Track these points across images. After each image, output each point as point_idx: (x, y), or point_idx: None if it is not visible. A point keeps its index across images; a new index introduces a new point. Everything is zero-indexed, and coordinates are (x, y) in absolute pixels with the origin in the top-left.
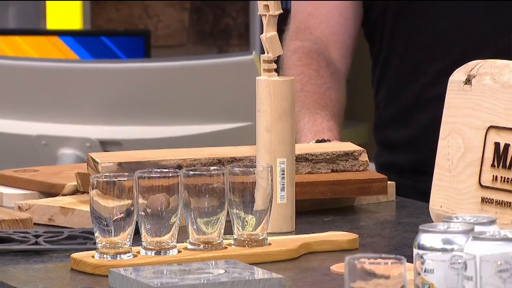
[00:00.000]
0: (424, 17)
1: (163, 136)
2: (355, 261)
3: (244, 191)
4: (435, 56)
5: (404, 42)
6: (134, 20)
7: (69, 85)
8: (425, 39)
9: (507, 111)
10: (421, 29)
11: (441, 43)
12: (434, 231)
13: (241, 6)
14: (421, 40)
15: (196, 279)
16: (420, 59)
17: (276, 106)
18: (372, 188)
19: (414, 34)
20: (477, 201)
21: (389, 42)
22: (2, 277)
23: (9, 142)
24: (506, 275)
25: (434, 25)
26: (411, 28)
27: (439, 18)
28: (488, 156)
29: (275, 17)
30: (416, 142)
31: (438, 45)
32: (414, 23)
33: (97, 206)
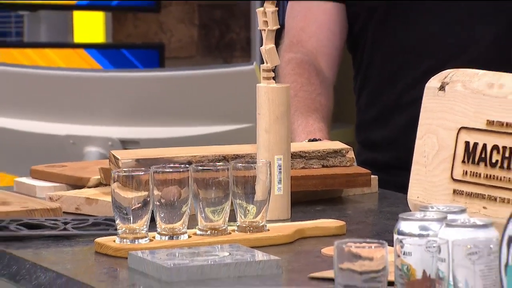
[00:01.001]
0: (401, 31)
1: (175, 136)
2: (343, 245)
3: (246, 184)
4: (411, 65)
5: (383, 54)
6: (150, 35)
7: (93, 91)
8: (401, 51)
9: (476, 114)
10: (398, 42)
11: (416, 54)
12: (412, 219)
13: (243, 22)
14: (398, 52)
15: (204, 261)
16: (397, 68)
17: (274, 110)
18: (358, 181)
19: (391, 47)
20: (449, 192)
21: (369, 54)
22: (36, 259)
23: (41, 141)
24: (475, 258)
25: (410, 38)
26: (389, 41)
27: (414, 32)
28: (459, 153)
29: (273, 32)
30: (395, 141)
31: (414, 55)
32: (391, 37)
33: (118, 197)
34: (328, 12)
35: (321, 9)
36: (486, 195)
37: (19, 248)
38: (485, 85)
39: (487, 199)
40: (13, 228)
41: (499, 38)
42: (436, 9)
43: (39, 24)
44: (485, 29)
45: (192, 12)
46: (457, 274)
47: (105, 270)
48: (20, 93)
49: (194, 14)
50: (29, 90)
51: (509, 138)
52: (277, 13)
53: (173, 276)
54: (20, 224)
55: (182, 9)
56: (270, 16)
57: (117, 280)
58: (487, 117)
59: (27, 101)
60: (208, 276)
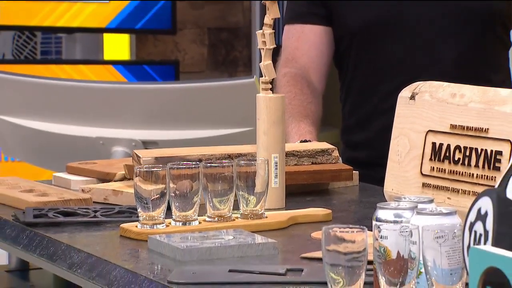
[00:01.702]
0: (377, 52)
1: (188, 138)
2: (330, 230)
3: (247, 178)
4: (386, 80)
5: (363, 70)
6: (167, 53)
7: (119, 100)
8: (378, 68)
9: (441, 119)
10: (375, 61)
11: (390, 71)
12: (388, 207)
13: (245, 43)
14: (376, 69)
15: (212, 243)
16: (375, 82)
17: (271, 116)
18: (342, 176)
19: (370, 65)
20: (419, 185)
21: (352, 70)
22: (70, 241)
23: (76, 142)
24: (441, 241)
25: (385, 58)
26: (368, 60)
27: (388, 53)
28: (427, 152)
29: (270, 50)
30: (373, 142)
31: (388, 72)
32: (370, 57)
33: (139, 189)
34: (318, 34)
35: (312, 32)
36: (450, 187)
37: (56, 233)
38: (449, 95)
39: (451, 191)
40: (51, 215)
41: (460, 57)
42: (406, 34)
43: (75, 44)
44: (448, 50)
45: (203, 34)
46: (426, 255)
47: (129, 251)
48: (59, 102)
49: (204, 36)
50: (66, 100)
51: (469, 139)
52: (273, 35)
53: (186, 256)
54: (57, 212)
55: (194, 32)
56: (268, 37)
57: (138, 259)
58: (450, 122)
59: (65, 109)
60: (215, 256)
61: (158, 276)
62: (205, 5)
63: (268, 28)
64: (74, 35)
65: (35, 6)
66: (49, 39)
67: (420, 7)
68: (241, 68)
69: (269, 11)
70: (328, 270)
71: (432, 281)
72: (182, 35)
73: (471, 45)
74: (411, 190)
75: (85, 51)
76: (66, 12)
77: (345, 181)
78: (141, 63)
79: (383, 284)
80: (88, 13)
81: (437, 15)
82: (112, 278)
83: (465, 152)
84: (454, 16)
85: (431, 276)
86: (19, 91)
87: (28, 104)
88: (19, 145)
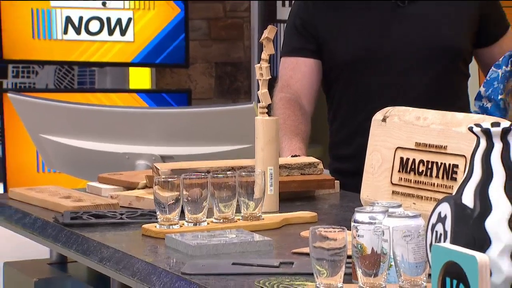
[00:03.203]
0: (359, 83)
1: (199, 153)
2: (316, 229)
3: (248, 186)
4: (366, 105)
5: (348, 96)
6: (182, 83)
7: (142, 122)
8: (360, 95)
9: (407, 138)
10: (357, 90)
11: (370, 97)
12: (364, 211)
13: (245, 75)
14: (358, 96)
15: (218, 241)
16: (357, 106)
17: (267, 135)
18: (325, 184)
19: (354, 92)
20: (390, 193)
21: (338, 96)
22: (101, 239)
23: (106, 157)
24: (408, 239)
25: (365, 87)
26: (351, 88)
27: (369, 83)
28: (396, 165)
29: (266, 81)
30: (354, 156)
31: (368, 98)
32: (353, 86)
33: (158, 196)
34: (309, 65)
35: (304, 63)
36: (415, 194)
37: (89, 232)
38: (414, 118)
39: (416, 198)
40: (85, 217)
41: (429, 87)
42: (383, 67)
43: (106, 76)
44: (418, 81)
45: (211, 68)
46: (396, 251)
47: (149, 247)
48: (93, 123)
49: (212, 69)
50: (98, 122)
51: (431, 154)
52: (269, 68)
53: (196, 251)
54: (90, 215)
55: (203, 66)
56: (264, 70)
57: (157, 254)
58: (415, 140)
59: (97, 129)
60: (220, 252)
61: (173, 268)
62: (212, 44)
63: (264, 62)
64: (105, 68)
65: (73, 45)
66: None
67: (395, 45)
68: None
69: (265, 49)
70: (315, 263)
71: (400, 273)
72: (193, 69)
73: (438, 77)
74: (383, 197)
75: (114, 82)
76: (98, 50)
77: (329, 189)
78: (160, 92)
79: (360, 275)
80: (116, 51)
81: (410, 52)
82: (135, 269)
83: (428, 165)
84: (425, 52)
85: (400, 268)
86: (60, 115)
87: (67, 125)
88: (59, 159)
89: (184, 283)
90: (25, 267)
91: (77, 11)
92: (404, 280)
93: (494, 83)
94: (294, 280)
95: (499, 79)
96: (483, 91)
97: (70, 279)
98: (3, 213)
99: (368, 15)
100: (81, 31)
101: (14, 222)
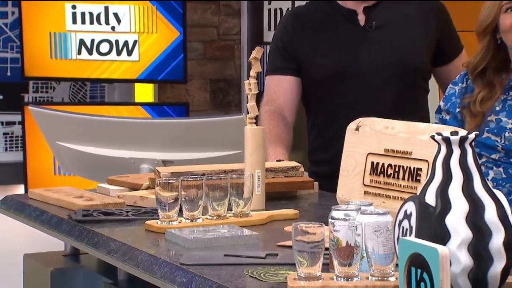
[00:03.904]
0: (335, 96)
1: (195, 158)
2: (297, 225)
3: (238, 187)
4: (341, 116)
5: (324, 109)
6: (181, 97)
7: (146, 131)
8: (335, 107)
9: (378, 145)
10: (333, 102)
11: (344, 109)
12: (340, 209)
13: (236, 90)
14: (334, 108)
15: (212, 235)
16: (333, 117)
17: (255, 142)
18: (306, 185)
19: (329, 105)
20: (362, 193)
21: (316, 108)
22: (109, 234)
23: (114, 161)
24: (378, 233)
25: (340, 100)
26: (327, 102)
27: (342, 97)
28: (368, 169)
29: (254, 95)
30: (331, 161)
31: (343, 110)
32: (329, 100)
33: (159, 195)
34: (291, 83)
35: (286, 80)
36: (384, 194)
37: (99, 227)
38: (383, 127)
39: (385, 197)
40: (95, 215)
41: (395, 100)
42: (355, 83)
43: (114, 91)
44: (386, 95)
45: (206, 84)
46: (368, 243)
47: (151, 241)
48: (103, 132)
49: (207, 85)
50: (108, 131)
51: (398, 159)
52: (256, 84)
53: (193, 244)
54: (100, 212)
55: (200, 82)
56: (253, 86)
57: (158, 247)
58: (384, 147)
59: (107, 137)
60: (214, 244)
61: (172, 259)
62: (208, 63)
63: (253, 79)
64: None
65: (86, 64)
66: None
67: (364, 65)
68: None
69: (253, 67)
70: (296, 254)
71: (371, 263)
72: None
73: (402, 92)
74: (356, 196)
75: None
76: (107, 68)
77: (309, 190)
78: (161, 105)
79: (336, 265)
80: (123, 69)
81: (378, 69)
82: (139, 260)
83: (395, 169)
84: (389, 71)
85: (371, 259)
86: (74, 125)
87: (80, 134)
88: (73, 164)
89: (182, 272)
90: (43, 258)
91: (90, 35)
92: (374, 269)
93: (452, 98)
94: (278, 270)
95: (456, 95)
96: (443, 105)
97: (82, 269)
98: (23, 211)
99: (341, 39)
100: (93, 52)
101: (33, 219)
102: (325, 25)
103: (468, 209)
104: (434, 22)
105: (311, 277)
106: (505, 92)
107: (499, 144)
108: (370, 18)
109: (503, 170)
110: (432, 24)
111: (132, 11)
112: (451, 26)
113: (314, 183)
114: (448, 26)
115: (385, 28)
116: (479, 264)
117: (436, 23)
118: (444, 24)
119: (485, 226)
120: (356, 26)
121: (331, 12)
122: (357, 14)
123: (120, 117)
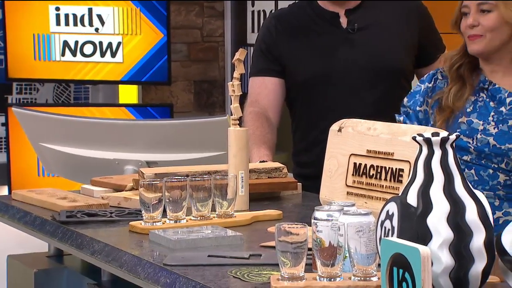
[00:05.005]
0: (318, 98)
1: (179, 159)
2: (281, 226)
3: (222, 188)
4: (324, 117)
5: (308, 110)
6: (165, 98)
7: (130, 132)
8: (319, 109)
9: (360, 146)
10: (316, 104)
11: (327, 110)
12: (323, 209)
13: (220, 91)
14: (317, 109)
15: (196, 236)
16: (316, 119)
17: (238, 143)
18: (289, 186)
19: (313, 106)
20: (345, 193)
21: (299, 110)
22: (92, 235)
23: (98, 162)
24: (361, 234)
25: (323, 101)
26: (310, 104)
27: (325, 98)
28: (350, 169)
29: (238, 96)
30: (314, 162)
31: (326, 111)
32: (312, 102)
33: (143, 197)
34: (274, 83)
35: (270, 82)
36: (367, 195)
37: (83, 228)
38: (365, 128)
39: (367, 198)
40: (79, 216)
41: (377, 101)
42: (338, 84)
43: (98, 92)
44: (369, 96)
45: (190, 85)
46: (350, 244)
47: (135, 242)
48: (87, 133)
49: (191, 86)
50: (92, 132)
51: (380, 160)
52: (240, 85)
53: (176, 245)
54: (83, 213)
55: (184, 83)
56: (236, 87)
57: (142, 248)
58: (366, 148)
59: (90, 138)
60: (198, 245)
61: (156, 260)
62: (192, 64)
63: (236, 80)
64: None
65: (70, 65)
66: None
67: (346, 67)
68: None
69: (237, 69)
70: (280, 255)
71: (354, 263)
72: (175, 86)
73: (383, 93)
74: (339, 197)
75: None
76: (91, 70)
77: (292, 191)
78: (145, 106)
79: (319, 265)
80: (107, 70)
81: (360, 71)
82: (123, 261)
83: (377, 170)
84: (371, 73)
85: (354, 259)
86: (58, 126)
87: (64, 135)
88: (57, 165)
89: (165, 273)
90: (26, 259)
91: (73, 36)
92: (357, 269)
93: (416, 95)
94: (262, 270)
95: (420, 93)
96: (406, 101)
97: (66, 269)
98: (7, 212)
99: (323, 41)
100: (77, 53)
101: (17, 220)
102: (307, 27)
103: (449, 210)
104: (416, 23)
105: (294, 277)
106: (476, 93)
107: (471, 146)
108: (352, 20)
109: (474, 172)
110: (414, 26)
111: (116, 12)
112: (433, 27)
113: (298, 184)
114: (430, 27)
115: (367, 31)
116: (460, 264)
117: (418, 24)
118: (426, 25)
119: (466, 226)
120: (339, 29)
121: (314, 14)
122: (339, 16)
123: (104, 118)
